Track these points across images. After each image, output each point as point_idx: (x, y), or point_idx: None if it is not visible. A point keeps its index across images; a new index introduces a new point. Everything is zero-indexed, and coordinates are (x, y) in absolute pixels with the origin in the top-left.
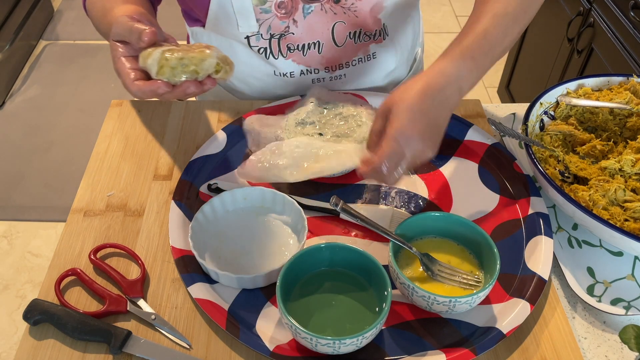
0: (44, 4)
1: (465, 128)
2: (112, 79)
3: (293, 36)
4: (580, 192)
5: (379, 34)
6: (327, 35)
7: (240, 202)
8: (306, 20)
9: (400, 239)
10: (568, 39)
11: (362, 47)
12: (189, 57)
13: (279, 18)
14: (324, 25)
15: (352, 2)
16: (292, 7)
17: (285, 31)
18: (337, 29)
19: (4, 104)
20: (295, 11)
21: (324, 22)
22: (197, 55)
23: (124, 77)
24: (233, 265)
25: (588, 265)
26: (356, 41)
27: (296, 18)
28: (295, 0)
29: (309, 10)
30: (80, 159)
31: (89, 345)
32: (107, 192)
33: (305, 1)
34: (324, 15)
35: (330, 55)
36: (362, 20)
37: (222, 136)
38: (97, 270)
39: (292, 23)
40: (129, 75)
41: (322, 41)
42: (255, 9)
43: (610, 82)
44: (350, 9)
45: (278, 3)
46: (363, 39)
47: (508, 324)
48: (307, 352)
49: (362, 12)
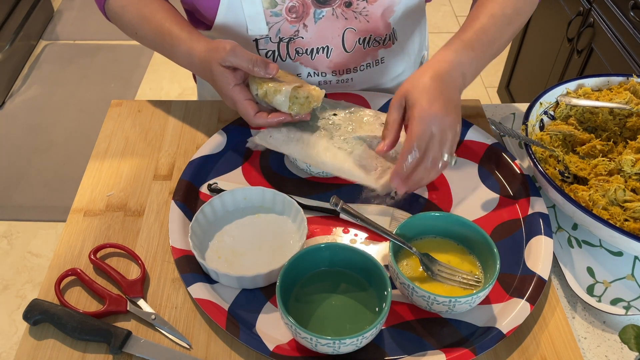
0: (44, 4)
1: (465, 128)
2: (112, 79)
3: (302, 40)
4: (580, 192)
5: (388, 39)
6: (337, 41)
7: (240, 202)
8: (317, 25)
9: (400, 239)
10: (568, 39)
11: (370, 52)
12: (313, 96)
13: (289, 22)
14: (334, 32)
15: (364, 6)
16: (304, 11)
17: (294, 35)
18: (347, 35)
19: (4, 104)
20: (306, 16)
21: (334, 27)
22: (315, 93)
23: (243, 109)
24: (233, 265)
25: (588, 265)
26: (365, 47)
27: (307, 23)
28: (307, 5)
29: (320, 15)
30: (80, 159)
31: (89, 345)
32: (107, 192)
33: (316, 6)
34: (335, 21)
35: (339, 60)
36: (373, 25)
37: (222, 136)
38: (97, 270)
39: (302, 27)
40: (250, 107)
41: (332, 46)
42: (265, 12)
43: (610, 82)
44: (362, 13)
45: (289, 7)
46: (372, 45)
47: (508, 324)
48: (307, 352)
49: (373, 17)
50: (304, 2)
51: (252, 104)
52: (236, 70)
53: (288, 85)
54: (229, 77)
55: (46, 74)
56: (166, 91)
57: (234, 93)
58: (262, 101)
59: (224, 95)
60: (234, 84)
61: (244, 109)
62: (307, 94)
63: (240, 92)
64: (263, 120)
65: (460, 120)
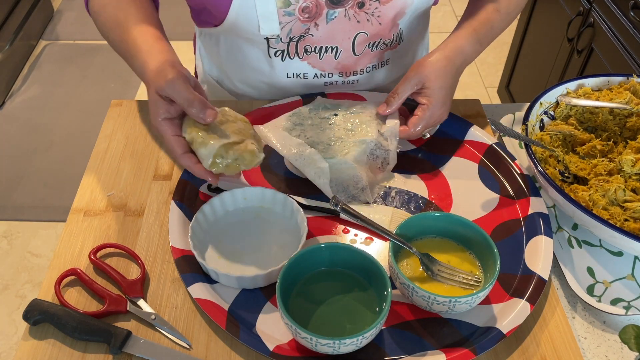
0: (44, 4)
1: (465, 128)
2: (112, 79)
3: (312, 38)
4: (580, 192)
5: (395, 40)
6: (347, 44)
7: (240, 202)
8: (328, 25)
9: (400, 239)
10: (568, 39)
11: (378, 54)
12: (244, 159)
13: (301, 21)
14: (345, 34)
15: (376, 6)
16: (317, 12)
17: (304, 33)
18: (358, 40)
19: (4, 104)
20: (319, 16)
21: (345, 29)
22: (247, 156)
23: (170, 144)
24: (233, 265)
25: (588, 265)
26: (373, 50)
27: (318, 22)
28: (320, 5)
29: (332, 15)
30: (80, 159)
31: (89, 345)
32: (107, 192)
33: (329, 6)
34: (347, 23)
35: (347, 62)
36: (384, 27)
37: None
38: (97, 270)
39: (313, 26)
40: (177, 144)
41: (341, 48)
42: (279, 11)
43: (610, 82)
44: (374, 15)
45: (302, 7)
46: (381, 47)
47: (508, 324)
48: (307, 352)
49: (385, 18)
50: (318, 2)
51: (179, 141)
52: (173, 102)
53: (219, 140)
54: (160, 108)
55: (46, 74)
56: None
57: (161, 126)
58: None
59: (152, 125)
60: (164, 117)
61: (170, 144)
62: (238, 156)
63: (168, 127)
64: (189, 162)
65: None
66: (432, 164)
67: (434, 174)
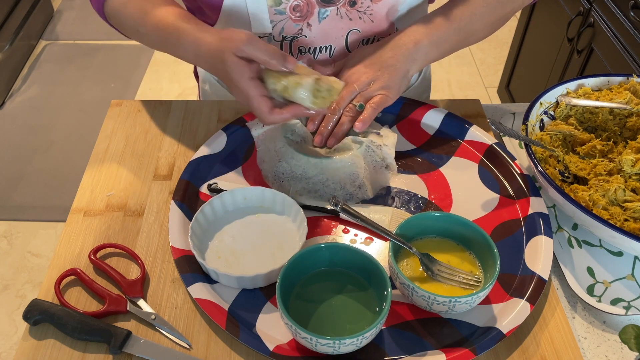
0: (44, 4)
1: (465, 128)
2: (112, 79)
3: (305, 39)
4: (580, 192)
5: None
6: (340, 42)
7: (240, 202)
8: (321, 24)
9: (400, 239)
10: (568, 39)
11: None
12: (334, 89)
13: (293, 21)
14: (338, 32)
15: (368, 4)
16: (308, 10)
17: (298, 34)
18: (351, 37)
19: (4, 104)
20: (310, 15)
21: (338, 28)
22: (336, 85)
23: (257, 105)
24: (233, 265)
25: (588, 265)
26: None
27: (311, 22)
28: (311, 4)
29: (324, 14)
30: (80, 159)
31: (89, 345)
32: (107, 192)
33: (321, 5)
34: (339, 21)
35: (342, 59)
36: (377, 25)
37: (222, 136)
38: (97, 270)
39: (305, 26)
40: (265, 104)
41: (335, 46)
42: (269, 10)
43: (610, 82)
44: (366, 13)
45: (293, 5)
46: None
47: (508, 324)
48: (307, 352)
49: (377, 16)
50: (309, 0)
51: (267, 101)
52: (251, 62)
53: (308, 77)
54: (244, 69)
55: (46, 74)
56: (166, 91)
57: (250, 87)
58: (279, 97)
59: (237, 89)
60: (249, 76)
61: (258, 105)
62: (329, 87)
63: (256, 87)
64: (279, 116)
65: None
66: (432, 164)
67: (434, 174)
